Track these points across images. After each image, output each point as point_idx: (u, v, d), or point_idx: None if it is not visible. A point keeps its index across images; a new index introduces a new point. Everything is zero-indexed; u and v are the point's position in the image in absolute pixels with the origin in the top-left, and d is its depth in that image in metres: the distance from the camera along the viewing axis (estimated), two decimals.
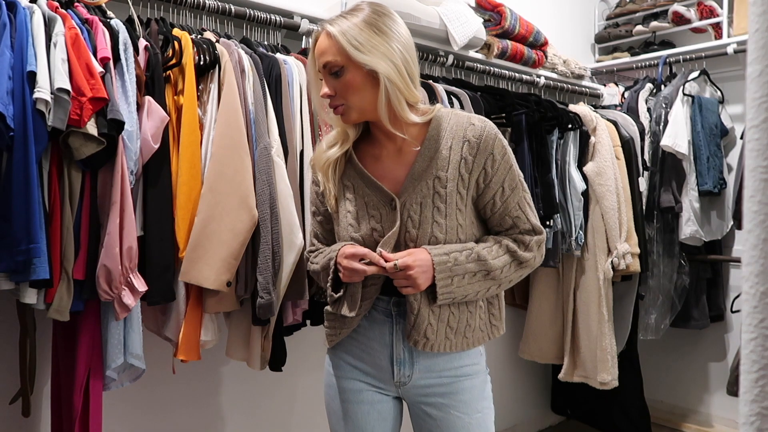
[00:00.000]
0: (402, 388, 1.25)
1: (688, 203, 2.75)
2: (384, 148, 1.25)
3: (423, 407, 1.25)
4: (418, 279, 1.13)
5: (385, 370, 1.24)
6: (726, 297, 3.05)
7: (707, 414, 3.12)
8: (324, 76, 1.18)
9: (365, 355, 1.26)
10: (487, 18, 2.54)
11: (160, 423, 1.88)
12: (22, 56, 1.21)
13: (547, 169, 2.31)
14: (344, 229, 1.25)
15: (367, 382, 1.26)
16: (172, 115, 1.50)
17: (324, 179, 1.27)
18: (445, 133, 1.21)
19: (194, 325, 1.51)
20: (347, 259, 1.17)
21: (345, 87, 1.16)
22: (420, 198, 1.18)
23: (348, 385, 1.27)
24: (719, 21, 2.97)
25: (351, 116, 1.19)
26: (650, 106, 2.88)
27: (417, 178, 1.19)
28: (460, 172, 1.19)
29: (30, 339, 1.42)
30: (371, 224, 1.21)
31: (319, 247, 1.34)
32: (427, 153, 1.20)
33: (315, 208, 1.34)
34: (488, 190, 1.21)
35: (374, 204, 1.22)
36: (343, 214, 1.25)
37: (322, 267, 1.26)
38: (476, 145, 1.20)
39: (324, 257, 1.27)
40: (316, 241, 1.35)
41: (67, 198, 1.30)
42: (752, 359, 0.34)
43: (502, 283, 1.26)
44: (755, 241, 0.34)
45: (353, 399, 1.27)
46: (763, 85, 0.34)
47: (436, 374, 1.23)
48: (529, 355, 2.71)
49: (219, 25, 1.83)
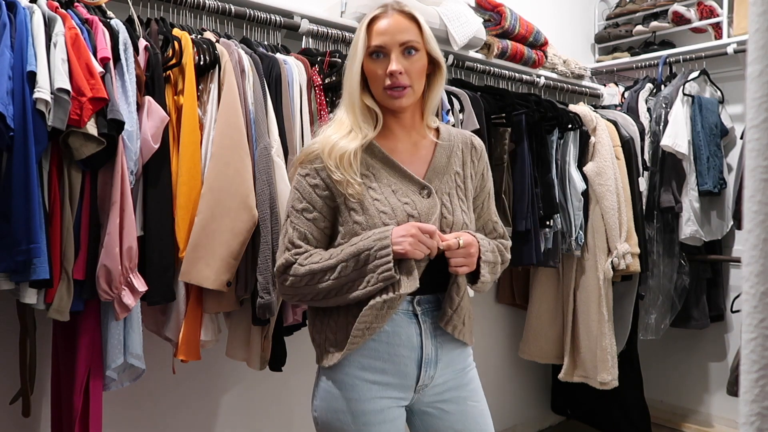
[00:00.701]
0: (421, 392, 1.23)
1: (688, 203, 2.75)
2: (400, 142, 1.27)
3: (439, 405, 1.25)
4: (475, 257, 1.20)
5: (411, 376, 1.20)
6: (726, 297, 3.05)
7: (707, 414, 3.12)
8: (396, 55, 1.19)
9: (388, 365, 1.18)
10: (487, 18, 2.54)
11: (160, 423, 1.88)
12: (22, 56, 1.21)
13: (547, 169, 2.31)
14: (375, 217, 1.17)
15: (388, 396, 1.19)
16: (172, 115, 1.50)
17: (342, 170, 1.17)
18: (455, 137, 1.32)
19: (194, 325, 1.51)
20: (418, 230, 1.12)
21: (415, 69, 1.21)
22: (447, 189, 1.26)
23: (368, 406, 1.17)
24: (719, 21, 2.97)
25: (409, 99, 1.22)
26: (650, 106, 2.88)
27: (440, 171, 1.27)
28: (471, 172, 1.31)
29: (30, 339, 1.42)
30: (407, 210, 1.19)
31: (308, 249, 1.19)
32: (445, 150, 1.29)
33: (308, 204, 1.20)
34: (481, 194, 1.34)
35: (403, 191, 1.21)
36: (369, 202, 1.18)
37: (352, 255, 1.14)
38: (480, 153, 1.35)
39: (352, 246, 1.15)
40: (303, 242, 1.20)
41: (67, 198, 1.30)
42: (752, 359, 0.34)
43: (494, 279, 1.32)
44: (755, 241, 0.34)
45: (375, 420, 1.18)
46: (763, 85, 0.34)
47: (451, 369, 1.26)
48: (529, 355, 2.71)
49: (219, 25, 1.83)
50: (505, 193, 2.16)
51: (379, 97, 1.23)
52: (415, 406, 1.25)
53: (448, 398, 1.25)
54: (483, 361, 2.85)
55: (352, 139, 1.20)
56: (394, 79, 1.19)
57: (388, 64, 1.19)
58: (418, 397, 1.23)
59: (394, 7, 1.23)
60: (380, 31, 1.20)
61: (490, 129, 2.18)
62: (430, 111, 1.29)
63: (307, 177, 1.22)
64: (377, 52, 1.20)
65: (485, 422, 1.29)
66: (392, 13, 1.22)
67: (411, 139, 1.28)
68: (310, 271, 1.16)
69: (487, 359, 2.88)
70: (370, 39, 1.20)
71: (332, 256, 1.16)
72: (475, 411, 1.28)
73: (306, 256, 1.18)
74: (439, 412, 1.25)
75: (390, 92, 1.20)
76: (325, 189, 1.20)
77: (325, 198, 1.21)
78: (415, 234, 1.12)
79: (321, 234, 1.22)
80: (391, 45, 1.19)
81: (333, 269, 1.15)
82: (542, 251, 2.26)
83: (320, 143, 1.23)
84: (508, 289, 2.87)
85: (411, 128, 1.28)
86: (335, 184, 1.19)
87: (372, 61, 1.21)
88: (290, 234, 1.21)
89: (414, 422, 1.28)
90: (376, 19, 1.22)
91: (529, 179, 2.20)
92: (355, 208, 1.18)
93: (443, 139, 1.29)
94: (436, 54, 1.25)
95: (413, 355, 1.20)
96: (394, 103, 1.21)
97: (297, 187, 1.23)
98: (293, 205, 1.22)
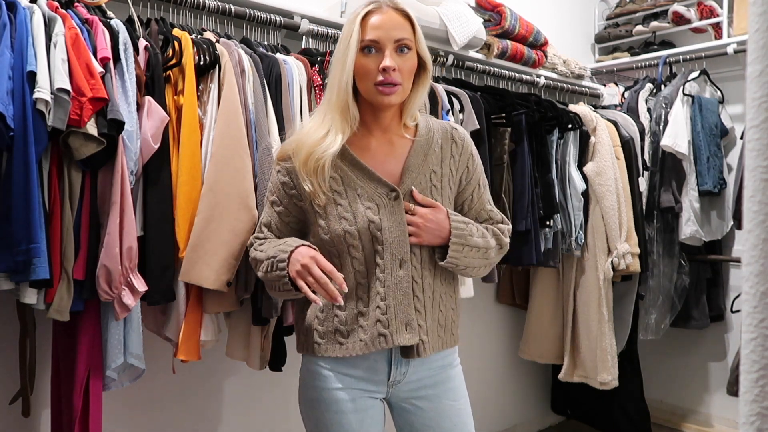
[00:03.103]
0: (395, 387, 1.25)
1: (688, 203, 2.75)
2: (375, 140, 1.26)
3: (414, 401, 1.26)
4: (422, 233, 1.19)
5: (381, 372, 1.23)
6: (726, 297, 3.05)
7: (707, 414, 3.12)
8: (390, 52, 1.18)
9: (359, 360, 1.21)
10: (487, 18, 2.54)
11: (160, 423, 1.88)
12: (22, 56, 1.21)
13: (547, 169, 2.31)
14: (335, 223, 1.19)
15: (360, 388, 1.22)
16: (172, 115, 1.50)
17: (312, 177, 1.18)
18: (434, 133, 1.29)
19: (194, 325, 1.51)
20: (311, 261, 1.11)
21: (406, 68, 1.20)
22: (421, 189, 1.24)
23: (341, 395, 1.21)
24: (719, 21, 2.97)
25: (398, 97, 1.21)
26: (650, 106, 2.88)
27: (414, 170, 1.24)
28: (450, 169, 1.28)
29: (30, 339, 1.42)
30: (368, 216, 1.18)
31: (268, 236, 1.27)
32: (422, 148, 1.26)
33: (276, 198, 1.26)
34: (468, 186, 1.31)
35: (368, 195, 1.20)
36: (332, 207, 1.20)
37: (269, 257, 1.19)
38: (461, 145, 1.31)
39: (273, 248, 1.20)
40: (267, 230, 1.28)
41: (67, 198, 1.30)
42: (752, 359, 0.34)
43: (488, 264, 1.31)
44: (755, 241, 0.34)
45: (347, 409, 1.21)
46: (763, 85, 0.34)
47: (427, 367, 1.25)
48: (529, 355, 2.71)
49: (219, 25, 1.83)
50: (505, 193, 2.16)
51: (367, 92, 1.20)
52: (392, 400, 1.27)
53: (423, 395, 1.25)
54: (483, 361, 2.85)
55: (329, 145, 1.18)
56: (387, 75, 1.16)
57: (380, 59, 1.17)
58: (393, 392, 1.25)
59: (388, 3, 1.21)
60: (375, 25, 1.18)
61: (490, 129, 2.18)
62: (410, 112, 1.26)
63: (279, 174, 1.26)
64: (370, 47, 1.18)
65: (462, 421, 1.28)
66: (387, 9, 1.19)
67: (387, 137, 1.26)
68: (255, 258, 1.26)
69: (487, 359, 2.88)
70: (364, 33, 1.18)
71: (268, 254, 1.20)
72: (451, 410, 1.27)
73: (260, 243, 1.27)
74: (414, 408, 1.26)
75: (381, 88, 1.18)
76: (293, 188, 1.24)
77: (292, 196, 1.24)
78: (306, 264, 1.10)
79: (285, 226, 1.27)
80: (385, 40, 1.17)
81: (263, 263, 1.21)
82: (542, 251, 2.26)
83: (295, 144, 1.22)
84: (508, 289, 2.87)
85: (388, 127, 1.26)
86: (303, 191, 1.21)
87: (363, 55, 1.18)
88: (261, 218, 1.31)
89: (393, 415, 1.31)
90: (370, 14, 1.19)
91: (529, 179, 2.20)
92: (319, 213, 1.21)
93: (420, 137, 1.26)
94: (425, 55, 1.23)
95: (383, 354, 1.22)
96: (383, 99, 1.19)
97: (272, 180, 1.29)
98: (268, 195, 1.31)
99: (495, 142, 2.20)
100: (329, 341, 1.21)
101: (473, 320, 2.76)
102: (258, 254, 1.24)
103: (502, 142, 2.19)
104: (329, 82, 1.22)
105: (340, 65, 1.19)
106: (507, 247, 1.34)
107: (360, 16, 1.19)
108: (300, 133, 1.24)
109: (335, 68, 1.20)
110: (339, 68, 1.19)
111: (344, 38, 1.19)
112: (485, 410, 2.78)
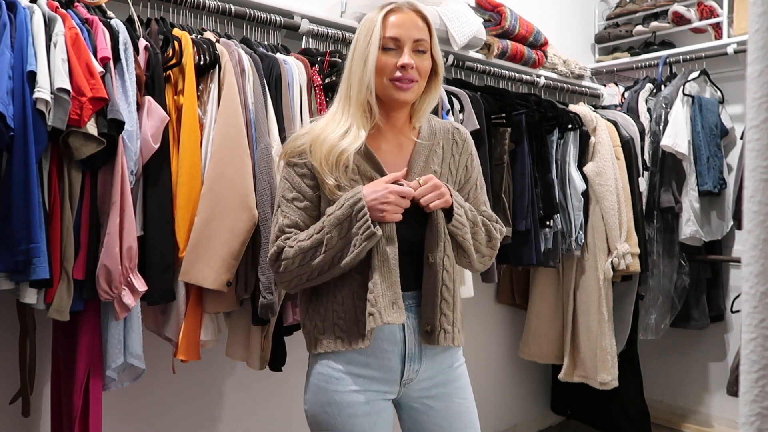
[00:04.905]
0: (407, 387, 1.24)
1: (688, 203, 2.75)
2: (386, 141, 1.28)
3: (425, 401, 1.25)
4: (444, 191, 1.19)
5: (395, 371, 1.22)
6: (726, 297, 3.05)
7: (707, 414, 3.12)
8: (409, 50, 1.21)
9: (372, 359, 1.20)
10: (487, 18, 2.54)
11: (160, 423, 1.88)
12: (22, 56, 1.21)
13: (547, 169, 2.31)
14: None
15: (373, 389, 1.21)
16: (172, 115, 1.50)
17: (335, 170, 1.18)
18: (437, 134, 1.32)
19: (194, 325, 1.51)
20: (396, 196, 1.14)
21: (423, 68, 1.23)
22: None
23: (353, 398, 1.19)
24: (719, 21, 2.97)
25: (414, 94, 1.24)
26: (650, 106, 2.88)
27: (417, 172, 1.26)
28: (450, 168, 1.31)
29: (30, 339, 1.42)
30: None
31: (299, 233, 1.21)
32: (424, 149, 1.29)
33: (298, 194, 1.22)
34: (466, 185, 1.34)
35: None
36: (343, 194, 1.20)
37: (334, 225, 1.15)
38: (461, 145, 1.34)
39: (323, 224, 1.17)
40: (294, 229, 1.21)
41: (67, 198, 1.30)
42: (752, 359, 0.34)
43: (478, 245, 1.29)
44: (755, 241, 0.34)
45: (360, 412, 1.19)
46: (763, 85, 0.34)
47: (438, 365, 1.26)
48: (529, 355, 2.71)
49: (219, 25, 1.83)
50: (505, 193, 2.16)
51: (383, 88, 1.22)
52: (402, 400, 1.27)
53: (434, 394, 1.26)
54: (483, 361, 2.85)
55: (353, 140, 1.19)
56: (405, 72, 1.20)
57: (398, 57, 1.21)
58: (404, 391, 1.25)
59: (408, 5, 1.25)
60: (397, 23, 1.21)
61: (490, 129, 2.18)
62: (420, 115, 1.29)
63: (295, 168, 1.23)
64: (390, 45, 1.21)
65: (470, 419, 1.29)
66: (407, 10, 1.24)
67: (398, 140, 1.29)
68: (300, 250, 1.17)
69: (487, 359, 2.88)
70: (385, 30, 1.21)
71: (316, 231, 1.17)
72: (461, 408, 1.27)
73: (293, 238, 1.20)
74: (425, 408, 1.26)
75: (398, 84, 1.20)
76: (312, 178, 1.22)
77: (313, 187, 1.22)
78: (394, 201, 1.15)
79: (312, 222, 1.22)
80: (406, 39, 1.21)
81: (321, 243, 1.16)
82: (542, 251, 2.26)
83: (310, 140, 1.22)
84: (508, 289, 2.87)
85: (399, 129, 1.29)
86: (324, 183, 1.20)
87: (382, 53, 1.21)
88: (281, 222, 1.22)
89: (402, 416, 1.30)
90: (390, 13, 1.23)
91: (529, 179, 2.20)
92: (331, 201, 1.20)
93: (423, 138, 1.29)
94: (438, 60, 1.27)
95: (396, 350, 1.21)
96: (399, 95, 1.21)
97: (286, 177, 1.25)
98: (284, 195, 1.24)
99: (495, 142, 2.20)
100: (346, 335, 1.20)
101: (473, 320, 2.76)
102: (303, 243, 1.17)
103: (502, 142, 2.19)
104: (347, 78, 1.24)
105: (361, 62, 1.20)
106: (497, 243, 1.33)
107: (382, 14, 1.22)
108: (315, 129, 1.24)
109: (356, 65, 1.21)
110: (360, 65, 1.20)
111: (364, 36, 1.21)
112: (485, 410, 2.77)
